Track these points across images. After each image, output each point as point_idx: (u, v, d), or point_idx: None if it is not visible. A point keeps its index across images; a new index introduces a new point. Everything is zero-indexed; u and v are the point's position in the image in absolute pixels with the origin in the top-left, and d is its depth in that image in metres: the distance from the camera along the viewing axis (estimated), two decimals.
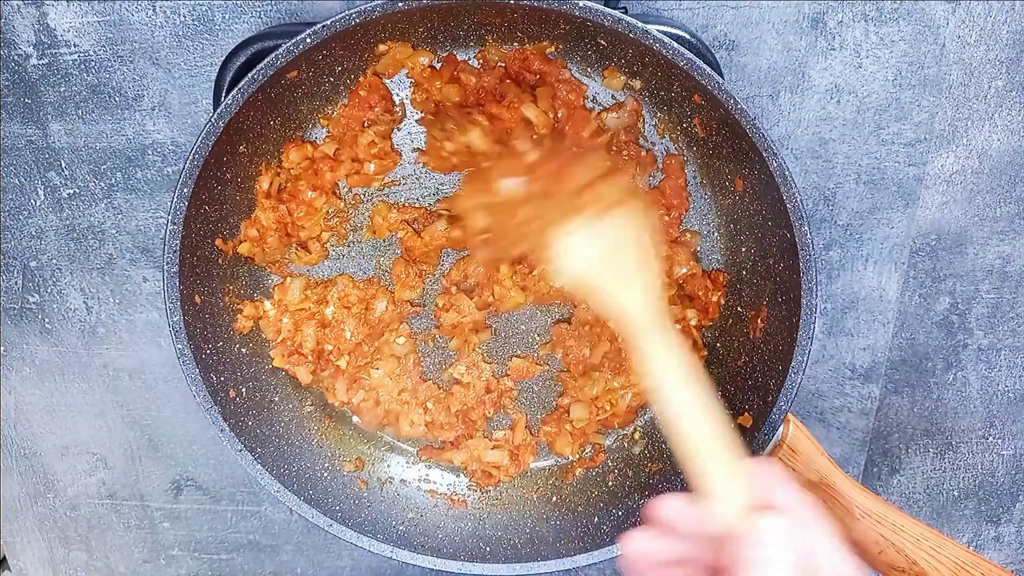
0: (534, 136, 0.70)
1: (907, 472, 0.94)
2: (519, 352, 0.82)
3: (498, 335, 0.82)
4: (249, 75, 0.62)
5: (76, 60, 0.76)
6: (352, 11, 0.60)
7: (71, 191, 0.82)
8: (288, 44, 0.61)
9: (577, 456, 0.84)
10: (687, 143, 0.74)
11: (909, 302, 0.85)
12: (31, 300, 0.87)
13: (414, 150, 0.76)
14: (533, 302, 0.80)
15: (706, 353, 0.79)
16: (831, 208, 0.81)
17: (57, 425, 0.93)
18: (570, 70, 0.72)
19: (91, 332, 0.88)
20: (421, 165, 0.76)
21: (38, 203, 0.82)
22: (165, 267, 0.66)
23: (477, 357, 0.82)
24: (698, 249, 0.78)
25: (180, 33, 0.75)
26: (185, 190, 0.64)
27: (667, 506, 0.48)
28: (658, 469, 0.79)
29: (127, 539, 1.00)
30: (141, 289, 0.86)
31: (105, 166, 0.80)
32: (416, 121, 0.74)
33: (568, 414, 0.82)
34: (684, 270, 0.76)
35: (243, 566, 1.01)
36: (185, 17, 0.75)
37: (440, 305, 0.80)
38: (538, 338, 0.82)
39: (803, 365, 0.66)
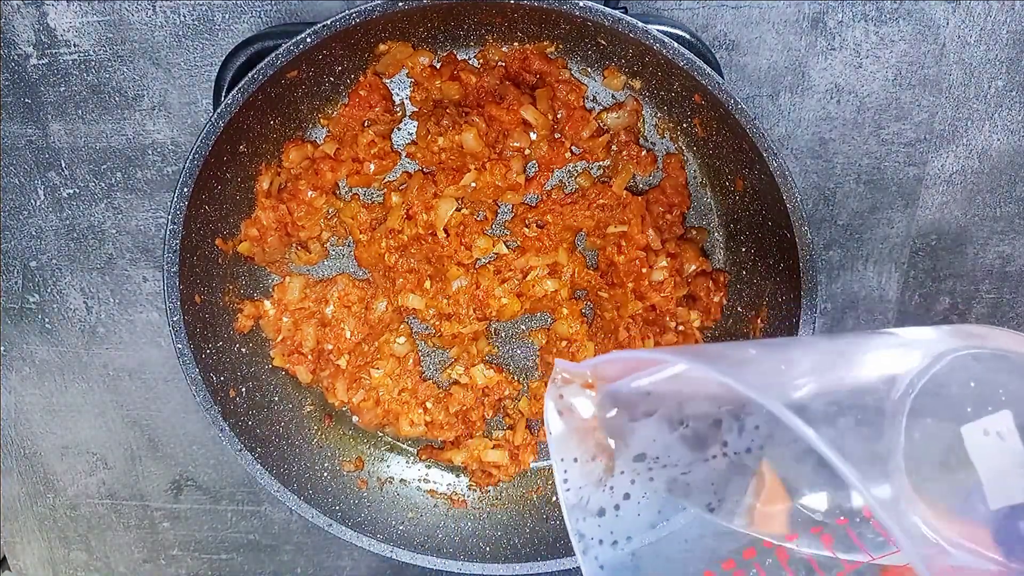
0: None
1: None
2: (519, 352, 0.82)
3: (499, 335, 0.82)
4: (249, 75, 0.62)
5: (76, 60, 0.76)
6: (352, 11, 0.60)
7: (71, 191, 0.82)
8: (288, 44, 0.61)
9: None
10: (687, 143, 0.74)
11: (909, 302, 0.85)
12: (31, 300, 0.87)
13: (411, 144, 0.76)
14: (528, 309, 0.80)
15: None
16: (831, 208, 0.81)
17: (57, 425, 0.93)
18: (570, 70, 0.72)
19: (91, 332, 0.88)
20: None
21: (38, 203, 0.82)
22: (165, 267, 0.66)
23: (475, 359, 0.82)
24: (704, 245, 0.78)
25: (180, 33, 0.75)
26: (185, 190, 0.64)
27: None
28: None
29: (127, 539, 1.00)
30: (141, 289, 0.86)
31: (105, 166, 0.80)
32: (410, 116, 0.74)
33: None
34: (693, 267, 0.76)
35: (243, 566, 1.01)
36: (185, 17, 0.75)
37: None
38: (539, 339, 0.82)
39: None
